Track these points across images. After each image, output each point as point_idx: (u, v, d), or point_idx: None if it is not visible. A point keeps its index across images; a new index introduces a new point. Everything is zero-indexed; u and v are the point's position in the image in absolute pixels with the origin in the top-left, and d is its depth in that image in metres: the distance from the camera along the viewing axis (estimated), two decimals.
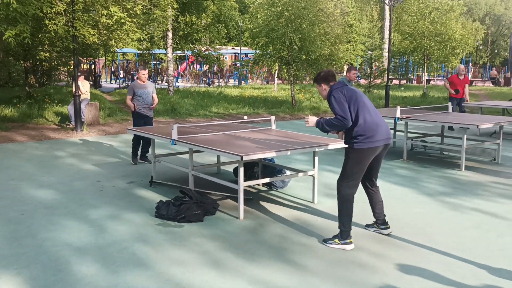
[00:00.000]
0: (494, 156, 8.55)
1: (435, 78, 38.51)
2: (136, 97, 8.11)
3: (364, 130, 4.32)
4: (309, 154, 8.34)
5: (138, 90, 8.12)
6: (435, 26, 21.78)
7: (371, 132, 4.34)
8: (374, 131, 4.36)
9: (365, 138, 4.33)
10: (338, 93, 4.36)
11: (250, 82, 34.03)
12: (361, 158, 4.39)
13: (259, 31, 16.65)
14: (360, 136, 4.34)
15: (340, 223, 4.45)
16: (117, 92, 21.37)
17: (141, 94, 8.10)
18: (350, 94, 4.37)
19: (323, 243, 4.51)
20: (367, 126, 4.33)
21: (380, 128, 4.41)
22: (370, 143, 4.35)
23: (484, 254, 4.24)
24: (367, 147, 4.35)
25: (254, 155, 4.96)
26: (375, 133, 4.36)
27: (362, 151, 4.36)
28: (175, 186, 6.40)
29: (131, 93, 8.15)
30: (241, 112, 15.91)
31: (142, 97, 8.11)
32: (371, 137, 4.34)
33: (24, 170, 7.60)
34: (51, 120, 12.93)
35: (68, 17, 11.11)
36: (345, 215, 4.44)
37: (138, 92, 8.11)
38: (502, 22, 63.18)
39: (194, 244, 4.47)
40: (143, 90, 8.14)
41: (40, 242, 4.50)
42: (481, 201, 5.94)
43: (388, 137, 4.48)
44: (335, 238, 4.48)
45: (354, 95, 4.39)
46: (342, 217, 4.45)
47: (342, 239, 4.43)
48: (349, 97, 4.35)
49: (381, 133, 4.40)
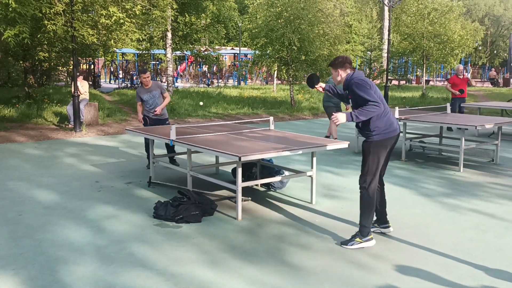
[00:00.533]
0: (493, 157, 8.56)
1: (434, 79, 38.53)
2: (143, 103, 7.71)
3: (381, 122, 4.37)
4: (307, 155, 8.34)
5: (143, 95, 7.67)
6: (434, 27, 21.79)
7: (386, 123, 4.39)
8: (389, 122, 4.42)
9: (383, 130, 4.38)
10: (361, 80, 4.36)
11: (250, 82, 34.03)
12: (381, 150, 4.43)
13: (258, 32, 16.66)
14: (378, 128, 4.37)
15: (364, 220, 4.43)
16: (116, 92, 21.36)
17: (147, 99, 7.66)
18: (370, 83, 4.39)
19: (342, 245, 4.44)
20: (383, 118, 4.38)
21: (393, 118, 4.49)
22: (388, 133, 4.40)
23: (482, 255, 4.25)
24: (387, 137, 4.40)
25: (253, 155, 4.96)
26: (391, 123, 4.43)
27: (381, 143, 4.40)
28: (173, 187, 6.40)
29: (139, 99, 7.73)
30: (240, 113, 15.92)
31: (149, 102, 7.66)
32: (388, 128, 4.40)
33: (22, 170, 7.60)
34: (50, 120, 12.93)
35: (67, 17, 11.11)
36: (369, 212, 4.42)
37: (143, 98, 7.67)
38: (502, 23, 63.23)
39: (192, 244, 4.47)
40: (148, 94, 7.66)
41: (38, 242, 4.50)
42: (480, 202, 5.95)
43: (398, 126, 4.54)
44: (355, 237, 4.43)
45: (373, 84, 4.42)
46: (366, 214, 4.42)
47: (364, 236, 4.41)
48: (370, 85, 4.37)
49: (395, 122, 4.47)
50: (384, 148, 4.44)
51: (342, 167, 7.93)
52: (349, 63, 4.52)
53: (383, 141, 4.40)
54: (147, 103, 7.69)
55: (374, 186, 4.44)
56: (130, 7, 11.59)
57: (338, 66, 4.52)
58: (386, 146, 4.44)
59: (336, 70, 4.55)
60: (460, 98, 12.05)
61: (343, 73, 4.52)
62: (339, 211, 5.54)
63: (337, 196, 6.17)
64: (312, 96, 21.42)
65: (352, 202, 5.85)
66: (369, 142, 4.43)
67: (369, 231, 4.43)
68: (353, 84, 4.36)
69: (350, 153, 9.15)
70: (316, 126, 13.70)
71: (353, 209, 5.59)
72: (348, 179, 7.12)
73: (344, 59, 4.54)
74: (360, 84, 4.32)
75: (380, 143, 4.40)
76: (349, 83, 4.42)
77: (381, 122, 4.38)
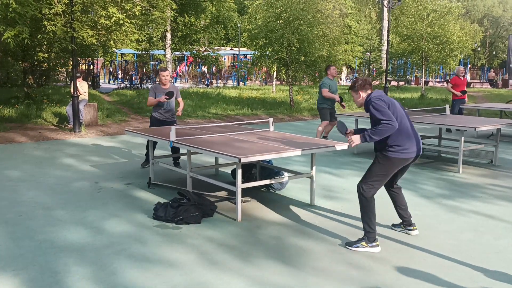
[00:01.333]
0: (492, 158, 8.57)
1: (433, 80, 38.58)
2: None
3: (402, 140, 4.35)
4: (307, 156, 8.35)
5: (159, 93, 7.50)
6: (433, 28, 21.82)
7: (407, 142, 4.37)
8: (410, 142, 4.40)
9: (402, 149, 4.36)
10: (377, 99, 4.35)
11: (249, 83, 34.06)
12: (391, 167, 4.42)
13: (258, 33, 16.67)
14: (397, 146, 4.35)
15: (366, 225, 4.41)
16: (115, 92, 21.37)
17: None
18: (388, 101, 4.39)
19: (347, 246, 4.45)
20: (405, 136, 4.37)
21: (415, 139, 4.46)
22: (406, 153, 4.38)
23: (481, 257, 4.26)
24: (402, 157, 4.37)
25: (252, 157, 4.97)
26: (411, 144, 4.41)
27: (395, 160, 4.39)
28: (173, 188, 6.41)
29: (153, 95, 7.55)
30: (239, 113, 15.92)
31: (163, 102, 7.53)
32: (408, 148, 4.37)
33: (22, 171, 7.60)
34: (50, 120, 12.93)
35: (66, 18, 11.11)
36: (369, 216, 4.41)
37: (159, 96, 7.50)
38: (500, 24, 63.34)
39: (192, 245, 4.48)
40: (163, 94, 7.48)
41: (38, 243, 4.51)
42: (478, 204, 5.96)
43: (420, 147, 4.51)
44: (361, 241, 4.42)
45: (392, 102, 4.43)
46: (367, 219, 4.41)
47: (370, 241, 4.39)
48: (388, 103, 4.36)
49: (415, 144, 4.44)
50: (395, 167, 4.43)
51: (341, 168, 7.95)
52: (368, 84, 4.54)
53: (397, 160, 4.38)
54: (160, 102, 7.54)
55: (372, 193, 4.43)
56: (129, 8, 11.59)
57: (358, 88, 4.53)
58: (398, 165, 4.44)
59: (357, 93, 4.55)
60: (460, 100, 12.07)
61: (364, 94, 4.53)
62: (338, 212, 5.56)
63: (336, 197, 6.18)
64: (311, 97, 21.44)
65: (351, 203, 5.87)
66: (384, 155, 4.41)
67: (375, 237, 4.40)
68: (370, 104, 4.36)
69: (349, 154, 9.17)
70: (316, 127, 13.69)
71: (352, 210, 5.60)
72: (347, 180, 7.14)
73: (364, 81, 4.56)
74: (377, 104, 4.32)
75: (394, 161, 4.39)
76: (367, 103, 4.44)
77: (401, 139, 4.36)
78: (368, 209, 4.41)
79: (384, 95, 4.47)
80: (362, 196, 4.42)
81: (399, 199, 4.80)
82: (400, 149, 4.36)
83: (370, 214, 4.40)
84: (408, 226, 4.84)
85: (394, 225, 5.02)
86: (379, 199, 6.11)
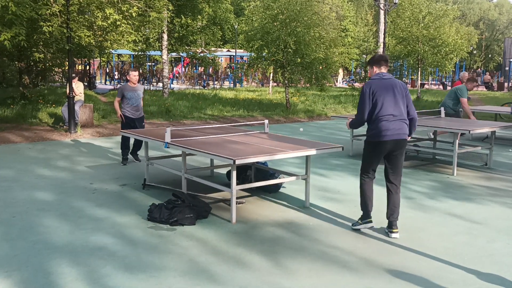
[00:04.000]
0: (486, 161, 8.61)
1: (429, 82, 38.70)
2: (125, 100, 8.04)
3: (376, 125, 4.67)
4: (302, 158, 8.36)
5: (127, 92, 8.03)
6: (429, 31, 21.90)
7: (382, 127, 4.65)
8: (384, 127, 4.65)
9: (375, 133, 4.69)
10: (366, 87, 4.74)
11: (245, 84, 34.06)
12: (371, 152, 4.82)
13: (254, 34, 16.68)
14: (369, 130, 4.75)
15: (361, 206, 4.99)
16: (111, 93, 21.32)
17: (130, 97, 8.02)
18: (376, 88, 4.68)
19: (352, 227, 5.02)
20: (380, 122, 4.65)
21: (390, 125, 4.66)
22: (379, 137, 4.67)
23: (474, 259, 4.28)
24: (375, 140, 4.70)
25: (247, 158, 4.97)
26: (386, 128, 4.65)
27: (371, 145, 4.77)
28: (168, 189, 6.40)
29: (120, 95, 8.08)
30: (235, 115, 15.92)
31: (132, 101, 8.04)
32: (381, 132, 4.66)
33: (16, 171, 7.58)
34: (45, 121, 12.89)
35: (63, 18, 11.09)
36: (361, 200, 4.97)
37: (127, 95, 8.01)
38: (496, 27, 63.64)
39: (186, 247, 4.48)
40: (133, 93, 8.06)
41: (32, 244, 4.49)
42: (472, 206, 5.98)
43: (399, 133, 4.70)
44: (358, 220, 5.04)
45: (381, 89, 4.68)
46: (361, 202, 4.98)
47: (361, 219, 4.98)
48: (374, 90, 4.68)
49: (390, 129, 4.66)
50: (374, 151, 4.78)
51: (336, 170, 7.96)
52: (383, 61, 4.82)
53: (372, 143, 4.76)
54: (130, 100, 8.03)
55: (363, 181, 4.93)
56: (126, 9, 11.58)
57: (372, 63, 4.89)
58: (376, 150, 4.75)
59: (372, 67, 4.89)
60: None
61: (373, 71, 4.88)
62: (333, 214, 5.57)
63: (331, 199, 6.19)
64: (308, 99, 21.48)
65: (346, 205, 5.88)
66: (365, 141, 4.91)
67: (366, 216, 4.95)
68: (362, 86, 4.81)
69: (344, 156, 9.18)
70: (311, 128, 13.73)
71: (347, 212, 5.62)
72: (342, 182, 7.15)
73: (378, 57, 4.90)
74: (362, 92, 4.77)
75: (369, 145, 4.82)
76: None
77: (374, 125, 4.72)
78: (360, 191, 4.97)
79: (375, 82, 4.73)
80: (359, 183, 5.00)
81: (391, 198, 4.89)
82: (371, 133, 4.73)
83: (362, 196, 4.96)
84: (389, 227, 4.86)
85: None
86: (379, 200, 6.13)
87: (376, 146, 4.73)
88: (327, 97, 22.71)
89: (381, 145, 4.69)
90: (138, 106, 8.15)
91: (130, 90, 8.06)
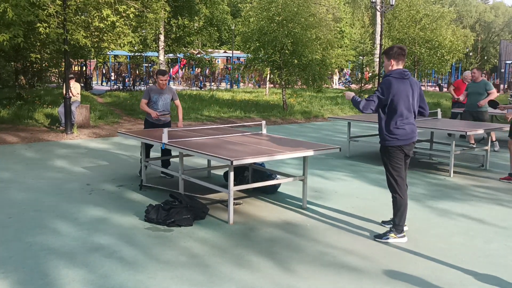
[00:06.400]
0: (482, 162, 8.64)
1: (425, 84, 38.80)
2: (149, 103, 7.30)
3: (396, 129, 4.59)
4: (299, 159, 8.37)
5: (154, 95, 7.27)
6: (425, 33, 21.98)
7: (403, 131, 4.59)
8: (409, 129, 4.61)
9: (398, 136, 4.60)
10: (385, 82, 4.58)
11: (242, 85, 34.07)
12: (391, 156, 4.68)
13: (251, 35, 16.68)
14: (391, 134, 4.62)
15: (395, 218, 4.71)
16: (108, 94, 21.27)
17: (155, 101, 7.28)
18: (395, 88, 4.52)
19: (376, 239, 4.71)
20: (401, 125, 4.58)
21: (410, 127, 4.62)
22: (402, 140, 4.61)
23: (471, 260, 4.29)
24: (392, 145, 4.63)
25: (245, 159, 4.97)
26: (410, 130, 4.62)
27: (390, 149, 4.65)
28: (165, 190, 6.39)
29: (147, 97, 7.29)
30: (232, 116, 15.92)
31: (158, 104, 7.30)
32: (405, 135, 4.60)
33: (13, 172, 7.55)
34: (42, 122, 12.85)
35: (60, 19, 11.06)
36: (402, 214, 4.70)
37: (153, 98, 7.27)
38: (492, 29, 63.91)
39: (183, 248, 4.47)
40: (160, 96, 7.29)
41: (28, 245, 4.47)
42: (469, 207, 6.00)
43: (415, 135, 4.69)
44: (390, 233, 4.70)
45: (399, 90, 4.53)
46: (400, 215, 4.70)
47: (398, 233, 4.69)
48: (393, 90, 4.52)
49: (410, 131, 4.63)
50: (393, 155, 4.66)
51: (334, 171, 7.97)
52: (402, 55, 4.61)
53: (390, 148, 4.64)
54: (155, 104, 7.29)
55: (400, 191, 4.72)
56: (123, 10, 11.56)
57: (390, 56, 4.64)
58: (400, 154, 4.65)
59: (389, 60, 4.66)
60: (459, 103, 12.05)
61: (393, 66, 4.65)
62: (330, 215, 5.57)
63: (328, 200, 6.20)
64: (304, 100, 21.50)
65: (343, 206, 5.89)
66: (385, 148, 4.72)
67: (401, 230, 4.70)
68: (383, 79, 4.66)
69: (342, 157, 9.19)
70: (308, 130, 13.75)
71: (344, 213, 5.62)
72: (339, 183, 7.16)
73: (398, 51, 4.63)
74: (381, 85, 4.61)
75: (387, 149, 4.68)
76: (384, 77, 4.72)
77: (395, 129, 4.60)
78: (402, 207, 4.70)
79: (394, 81, 4.55)
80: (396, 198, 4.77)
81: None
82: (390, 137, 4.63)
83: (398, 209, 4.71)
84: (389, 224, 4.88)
85: (384, 222, 5.06)
86: (377, 201, 6.14)
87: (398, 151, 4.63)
88: (323, 98, 22.74)
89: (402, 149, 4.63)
90: (165, 111, 7.41)
91: (156, 92, 7.28)
